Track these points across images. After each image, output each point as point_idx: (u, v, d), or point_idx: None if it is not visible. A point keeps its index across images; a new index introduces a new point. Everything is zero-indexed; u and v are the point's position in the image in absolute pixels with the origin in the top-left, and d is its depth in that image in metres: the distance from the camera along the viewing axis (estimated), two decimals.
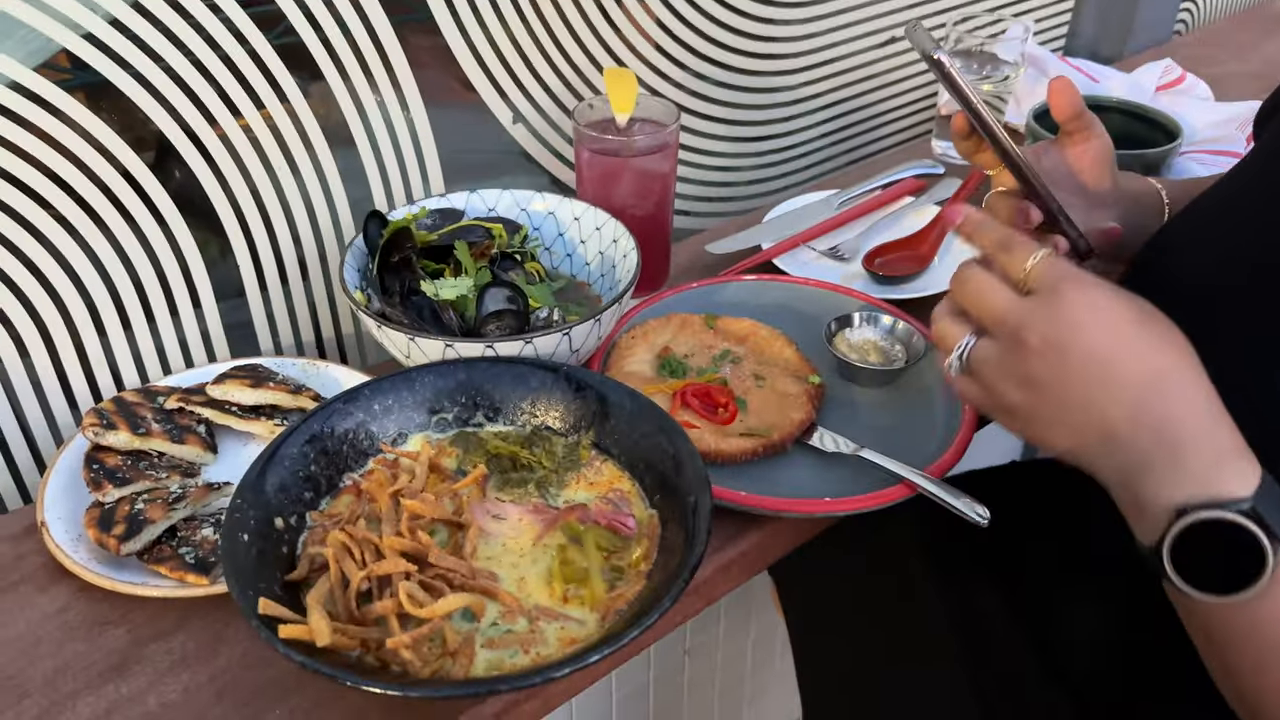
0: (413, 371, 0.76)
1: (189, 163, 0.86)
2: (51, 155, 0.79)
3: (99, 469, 0.76)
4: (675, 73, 1.15)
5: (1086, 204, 0.84)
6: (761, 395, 0.84)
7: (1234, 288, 0.69)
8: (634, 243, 0.87)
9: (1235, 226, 0.73)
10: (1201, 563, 0.54)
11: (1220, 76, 1.50)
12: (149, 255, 0.87)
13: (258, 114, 0.87)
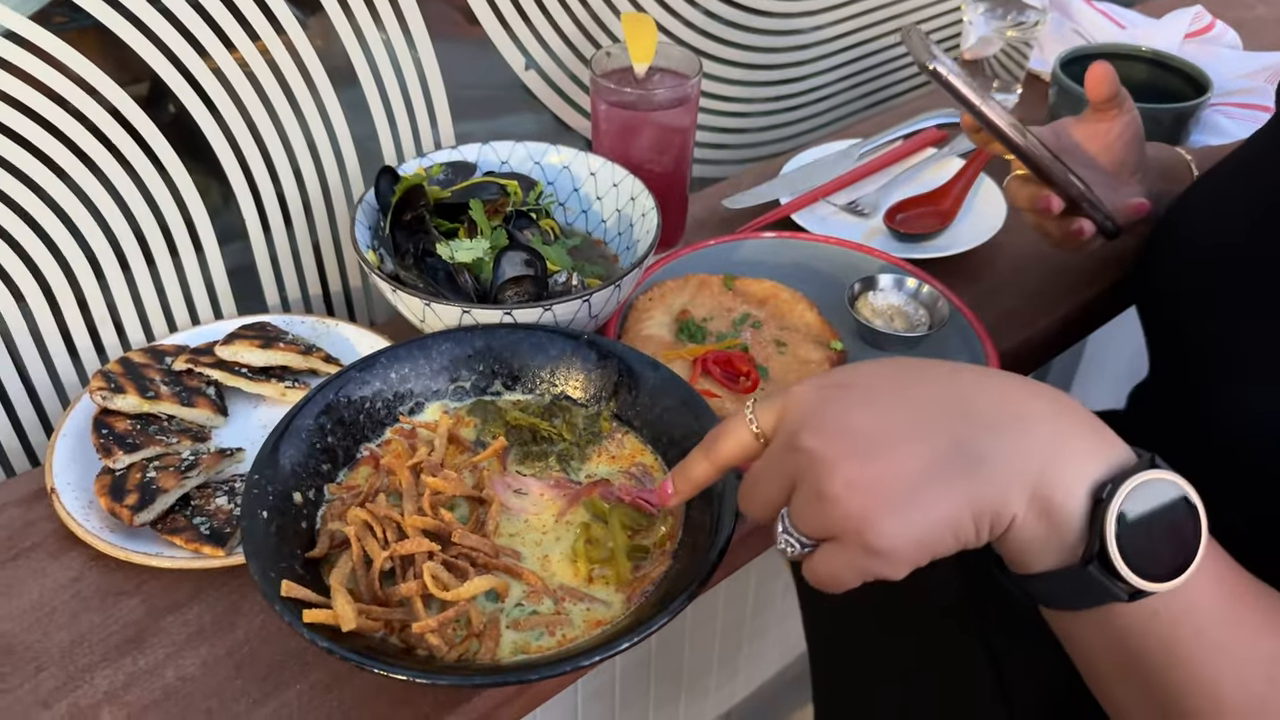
0: (429, 339, 0.74)
1: (186, 104, 0.82)
2: (46, 104, 0.76)
3: (108, 434, 0.74)
4: (691, 13, 1.11)
5: (1114, 179, 0.82)
6: (783, 362, 0.82)
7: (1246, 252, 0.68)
8: (653, 202, 0.84)
9: (1252, 192, 0.72)
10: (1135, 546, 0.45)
11: (1248, 20, 1.45)
12: (150, 205, 0.84)
13: (254, 48, 0.83)
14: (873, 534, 0.45)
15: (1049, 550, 0.47)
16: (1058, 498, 0.45)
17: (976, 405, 0.48)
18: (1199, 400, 0.70)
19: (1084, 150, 0.82)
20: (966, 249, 0.96)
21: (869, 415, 0.48)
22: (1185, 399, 0.74)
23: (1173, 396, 0.78)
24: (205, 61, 0.82)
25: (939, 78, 0.72)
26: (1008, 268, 0.97)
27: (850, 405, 0.48)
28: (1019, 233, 0.96)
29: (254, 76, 0.84)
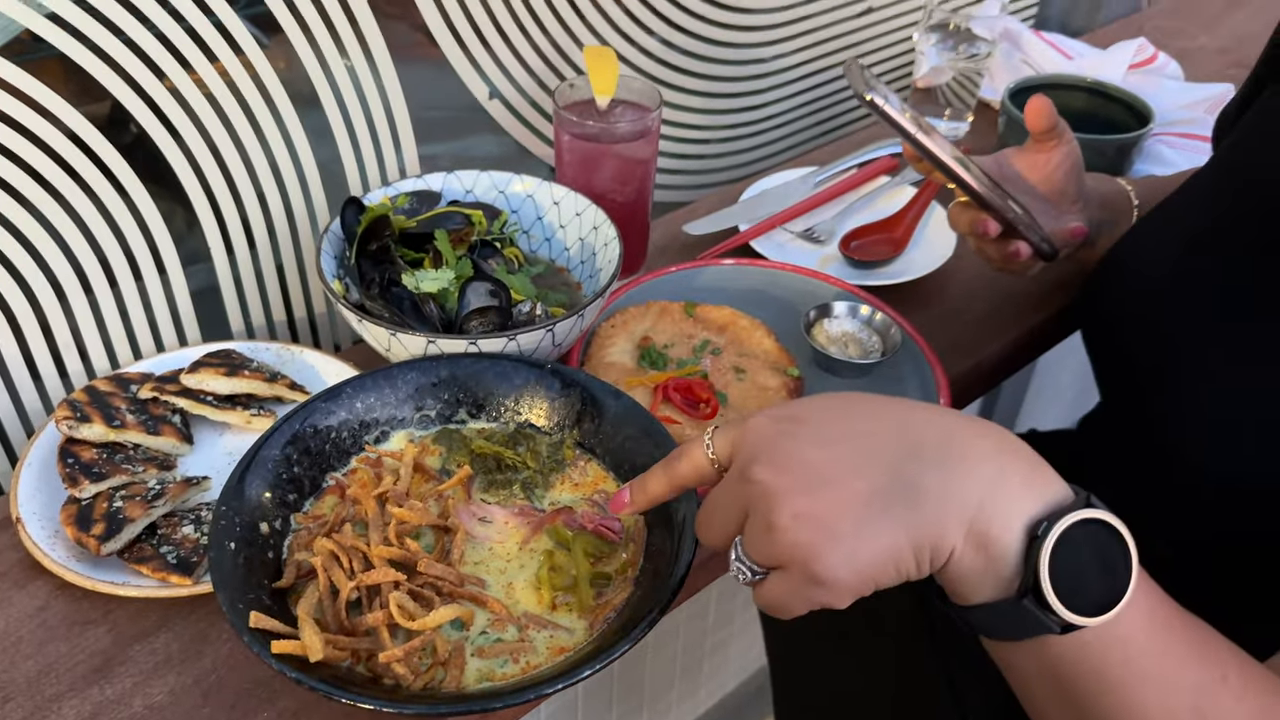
0: (394, 368, 0.76)
1: (146, 127, 0.82)
2: (4, 130, 0.76)
3: (74, 463, 0.75)
4: (652, 45, 1.13)
5: (1054, 206, 0.86)
6: (742, 389, 0.84)
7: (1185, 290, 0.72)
8: (615, 231, 0.86)
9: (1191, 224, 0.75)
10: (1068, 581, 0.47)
11: (1189, 50, 1.51)
12: (114, 230, 0.84)
13: (213, 69, 0.84)
14: (818, 565, 0.48)
15: (986, 583, 0.49)
16: (994, 533, 0.48)
17: (923, 442, 0.50)
18: (1152, 428, 0.74)
19: (1025, 179, 0.85)
20: (918, 276, 0.99)
21: (819, 451, 0.50)
22: (1137, 426, 0.77)
23: (1124, 423, 0.82)
24: (164, 83, 0.82)
25: (876, 108, 0.74)
26: (958, 294, 1.01)
27: (802, 441, 0.51)
28: (968, 260, 1.00)
29: (214, 99, 0.85)
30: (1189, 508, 0.71)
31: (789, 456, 0.50)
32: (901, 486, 0.48)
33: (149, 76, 0.81)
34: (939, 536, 0.48)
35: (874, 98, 0.73)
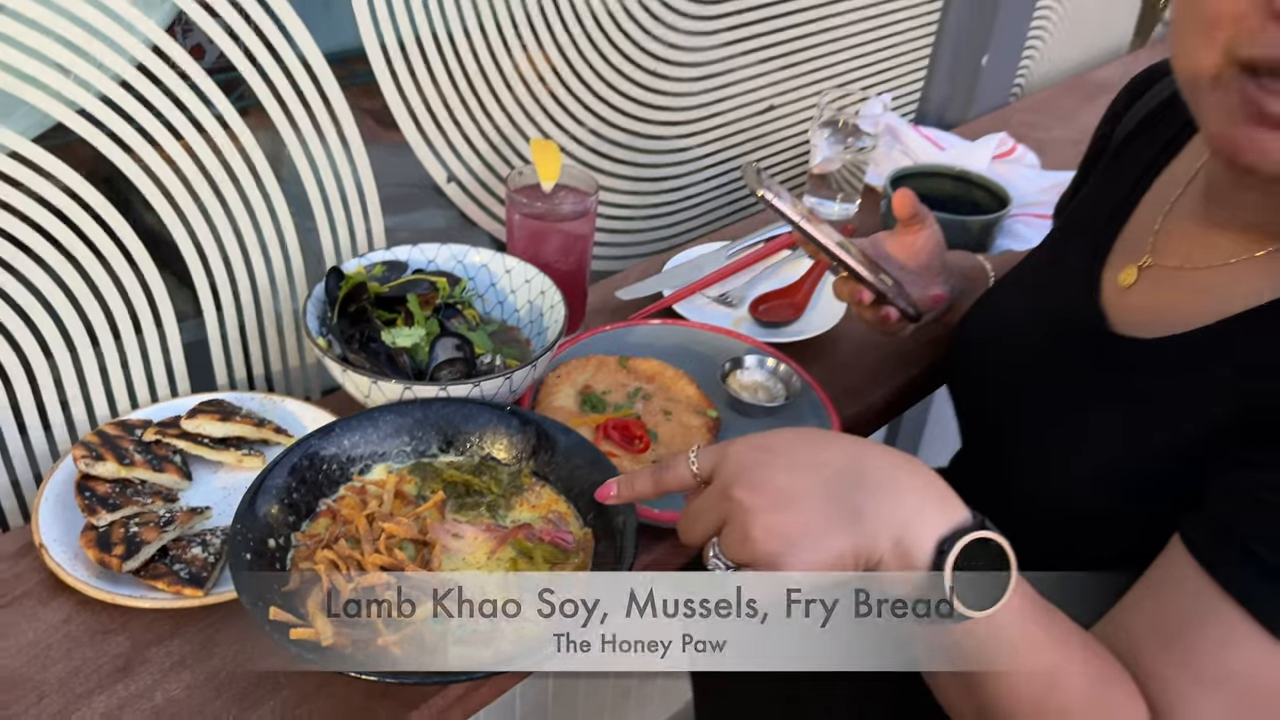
0: (376, 411, 0.89)
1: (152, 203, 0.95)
2: (28, 203, 0.88)
3: (91, 496, 0.86)
4: (587, 137, 1.31)
5: (920, 279, 1.03)
6: (669, 428, 1.00)
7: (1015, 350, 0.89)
8: (560, 296, 1.01)
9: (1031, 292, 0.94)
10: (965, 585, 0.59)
11: (1047, 142, 1.74)
12: (120, 293, 0.96)
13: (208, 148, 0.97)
14: (781, 566, 0.60)
15: (902, 583, 0.62)
16: (913, 547, 0.60)
17: (866, 474, 0.62)
18: (1001, 471, 0.87)
19: (894, 257, 1.03)
20: (815, 334, 1.17)
21: (787, 477, 0.62)
22: (987, 464, 0.92)
23: (977, 462, 0.98)
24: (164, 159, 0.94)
25: (767, 202, 0.90)
26: (848, 350, 1.18)
27: (775, 468, 0.63)
28: (856, 322, 1.17)
29: (209, 175, 0.98)
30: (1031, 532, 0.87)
31: (764, 481, 0.62)
32: (848, 509, 0.61)
33: (152, 154, 0.94)
34: (872, 548, 0.60)
35: (763, 193, 0.89)
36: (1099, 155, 0.98)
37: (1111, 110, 0.97)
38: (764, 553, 0.60)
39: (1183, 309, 0.75)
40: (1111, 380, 0.78)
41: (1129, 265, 0.82)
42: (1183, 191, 0.83)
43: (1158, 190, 0.86)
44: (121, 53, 0.89)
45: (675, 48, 1.34)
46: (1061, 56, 2.08)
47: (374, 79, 1.09)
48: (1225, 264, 0.75)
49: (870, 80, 1.67)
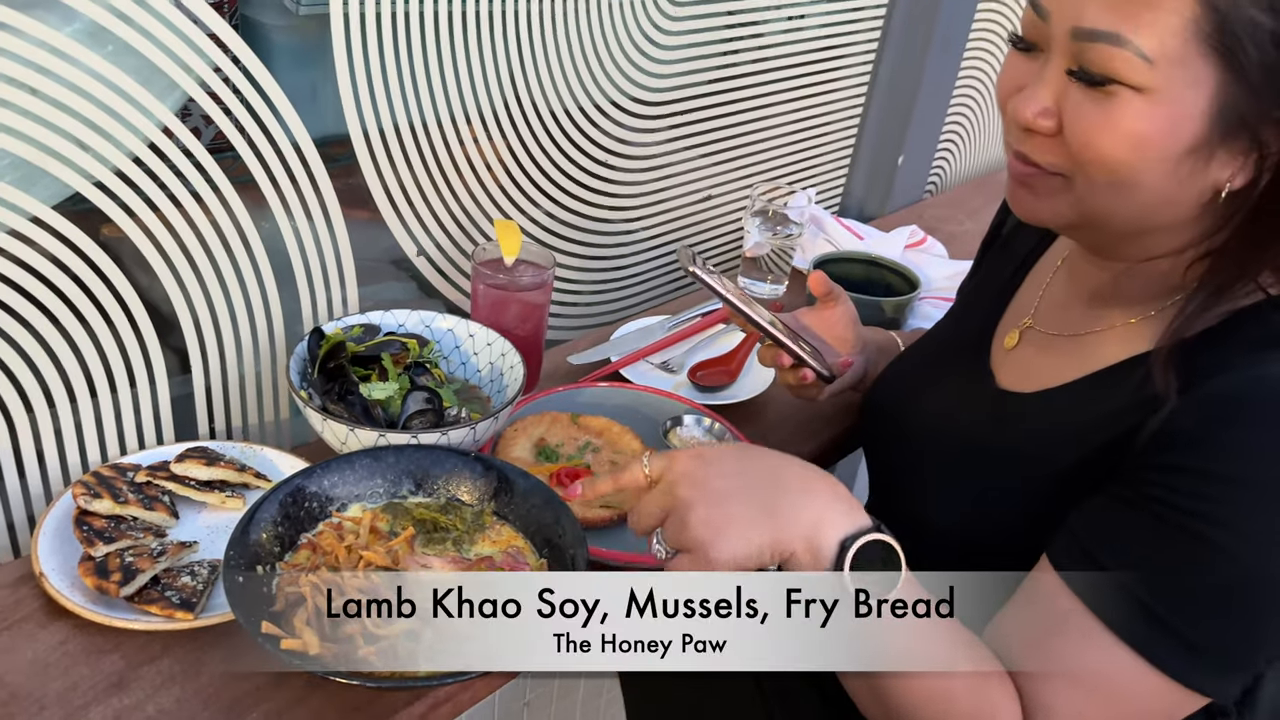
0: (353, 455, 0.99)
1: (155, 269, 1.05)
2: (43, 263, 0.97)
3: (88, 529, 0.94)
4: (545, 219, 1.44)
5: (835, 349, 1.17)
6: None
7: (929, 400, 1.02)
8: (519, 358, 1.13)
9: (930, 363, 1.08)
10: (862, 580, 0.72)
11: (957, 234, 1.93)
12: (122, 355, 1.05)
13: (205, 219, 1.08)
14: (711, 553, 0.73)
15: (814, 577, 0.73)
16: (820, 544, 0.73)
17: (785, 481, 0.76)
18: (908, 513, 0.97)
19: (812, 329, 1.17)
20: (748, 398, 1.30)
21: (720, 480, 0.75)
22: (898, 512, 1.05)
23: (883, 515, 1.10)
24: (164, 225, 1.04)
25: (697, 278, 1.04)
26: (776, 413, 1.31)
27: (711, 473, 0.76)
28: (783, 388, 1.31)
29: (204, 241, 1.08)
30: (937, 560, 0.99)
31: (702, 482, 0.75)
32: (768, 509, 0.74)
33: (155, 221, 1.04)
34: (787, 544, 0.73)
35: (695, 270, 1.03)
36: (993, 242, 1.14)
37: (1004, 204, 1.14)
38: (697, 540, 0.73)
39: (1053, 369, 0.90)
40: (999, 430, 0.92)
41: (1013, 329, 0.97)
42: (1057, 269, 0.99)
43: (1040, 269, 1.01)
44: (136, 133, 1.00)
45: (624, 142, 1.50)
46: (975, 157, 2.30)
47: (355, 160, 1.21)
48: (1090, 331, 0.90)
49: (797, 175, 1.84)
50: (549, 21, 1.34)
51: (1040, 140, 0.78)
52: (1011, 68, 0.81)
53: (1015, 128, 0.80)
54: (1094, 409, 0.83)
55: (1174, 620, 0.72)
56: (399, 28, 1.19)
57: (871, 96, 1.89)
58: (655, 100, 1.52)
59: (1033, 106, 0.77)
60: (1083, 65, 0.74)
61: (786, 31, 1.69)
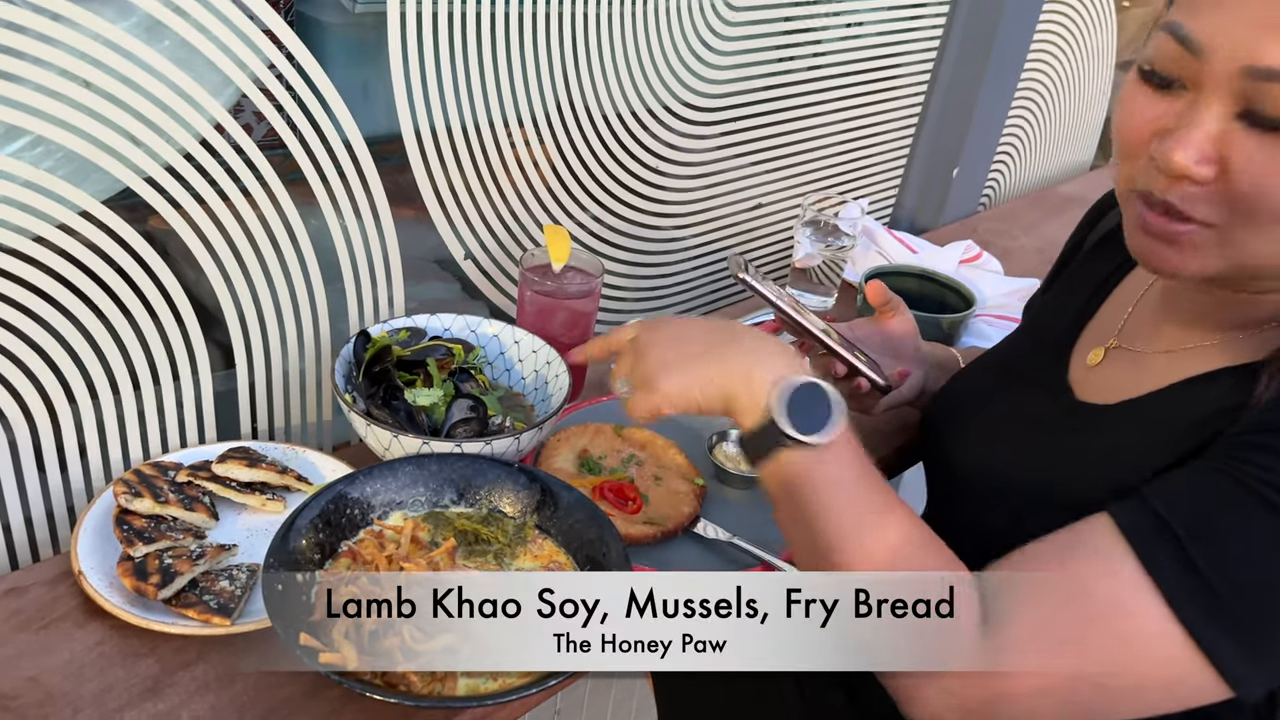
0: (396, 463, 0.97)
1: (203, 267, 1.04)
2: (92, 258, 0.96)
3: (129, 529, 0.93)
4: (594, 225, 1.42)
5: (892, 361, 1.14)
6: (659, 492, 1.09)
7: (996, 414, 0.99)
8: (565, 367, 1.11)
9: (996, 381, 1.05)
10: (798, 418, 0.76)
11: (1011, 250, 1.89)
12: (167, 350, 1.05)
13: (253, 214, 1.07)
14: (655, 381, 0.82)
15: (751, 413, 0.79)
16: (757, 382, 0.79)
17: (739, 337, 0.84)
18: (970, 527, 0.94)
19: (870, 340, 1.14)
20: None
21: (680, 330, 0.86)
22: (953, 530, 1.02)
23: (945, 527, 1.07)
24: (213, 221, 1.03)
25: (748, 285, 1.02)
26: None
27: (674, 326, 0.87)
28: None
29: (254, 240, 1.07)
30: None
31: (663, 330, 0.86)
32: (717, 353, 0.82)
33: (203, 216, 1.03)
34: (726, 381, 0.80)
35: (745, 277, 1.01)
36: (1070, 259, 1.10)
37: (1084, 221, 1.10)
38: (649, 372, 0.83)
39: (1135, 382, 0.87)
40: (1081, 440, 0.88)
41: (1096, 348, 0.93)
42: (1147, 289, 0.95)
43: (1125, 288, 0.98)
44: (188, 128, 0.99)
45: (675, 148, 1.47)
46: (1029, 171, 2.25)
47: (406, 160, 1.20)
48: (1180, 349, 0.87)
49: (849, 186, 1.81)
50: (604, 24, 1.31)
51: (1193, 189, 0.72)
52: (1145, 106, 0.74)
53: (1159, 175, 0.73)
54: (1182, 415, 0.80)
55: (1218, 580, 0.66)
56: (455, 28, 1.18)
57: (928, 106, 1.85)
58: (708, 106, 1.49)
59: (1190, 153, 0.70)
60: (1256, 108, 0.68)
61: (844, 39, 1.65)
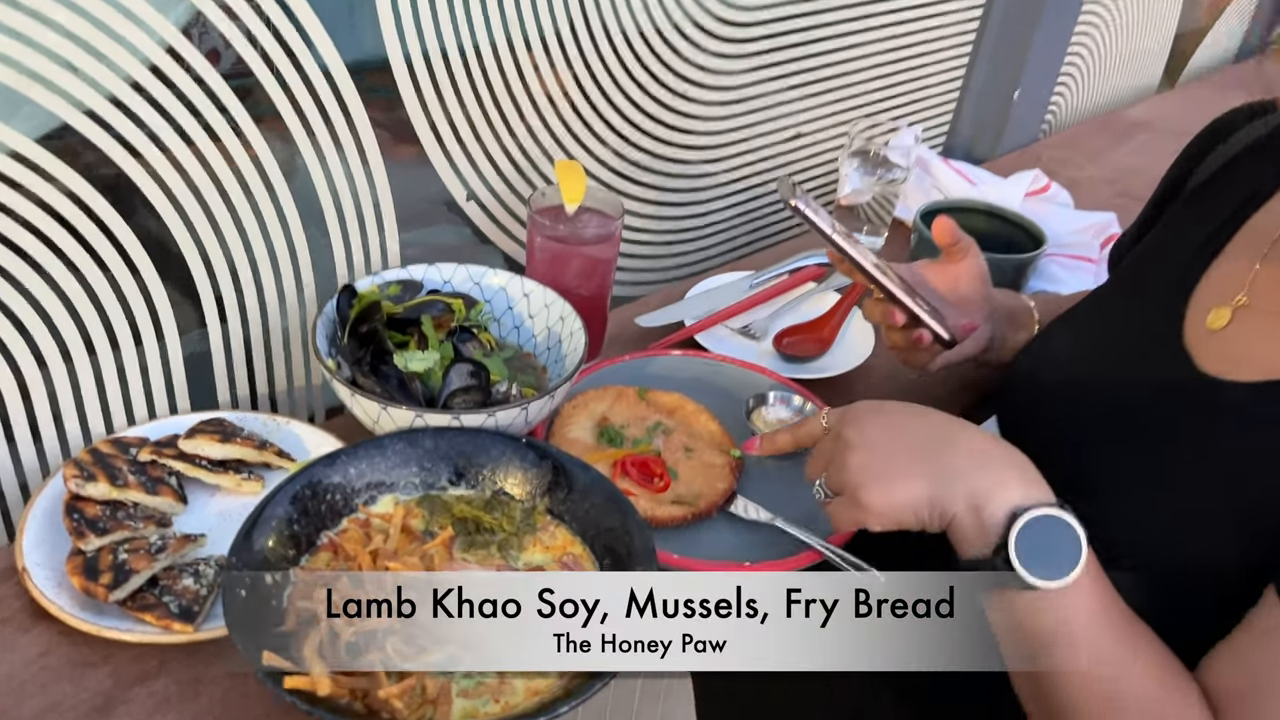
0: (385, 438, 0.84)
1: (162, 214, 0.91)
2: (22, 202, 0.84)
3: (80, 518, 0.81)
4: (612, 160, 1.27)
5: (958, 311, 0.98)
6: (690, 466, 0.95)
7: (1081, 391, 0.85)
8: (580, 323, 0.97)
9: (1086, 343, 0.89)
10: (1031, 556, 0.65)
11: (1079, 180, 1.70)
12: (121, 303, 0.92)
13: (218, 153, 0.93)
14: (863, 494, 0.71)
15: (974, 543, 0.68)
16: (988, 509, 0.67)
17: (959, 441, 0.72)
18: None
19: (932, 285, 0.98)
20: (841, 372, 1.12)
21: (890, 431, 0.74)
22: None
23: None
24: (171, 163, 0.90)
25: (799, 212, 0.87)
26: (875, 390, 1.14)
27: (880, 422, 0.75)
28: (884, 360, 1.13)
29: (219, 180, 0.94)
30: None
31: (870, 427, 0.74)
32: (934, 464, 0.70)
33: (160, 159, 0.89)
34: (949, 502, 0.69)
35: (797, 203, 0.86)
36: (1171, 197, 0.93)
37: (1190, 151, 0.93)
38: (852, 481, 0.72)
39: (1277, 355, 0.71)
40: (1210, 427, 0.74)
41: (1219, 307, 0.77)
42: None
43: (1250, 234, 0.81)
44: (134, 52, 0.85)
45: (703, 70, 1.31)
46: (1089, 95, 2.05)
47: (396, 91, 1.05)
48: None
49: (898, 111, 1.63)
50: None
51: None
52: None
53: None
54: None
55: None
56: None
57: (986, 20, 1.66)
58: (741, 21, 1.32)
59: None
60: None
61: None
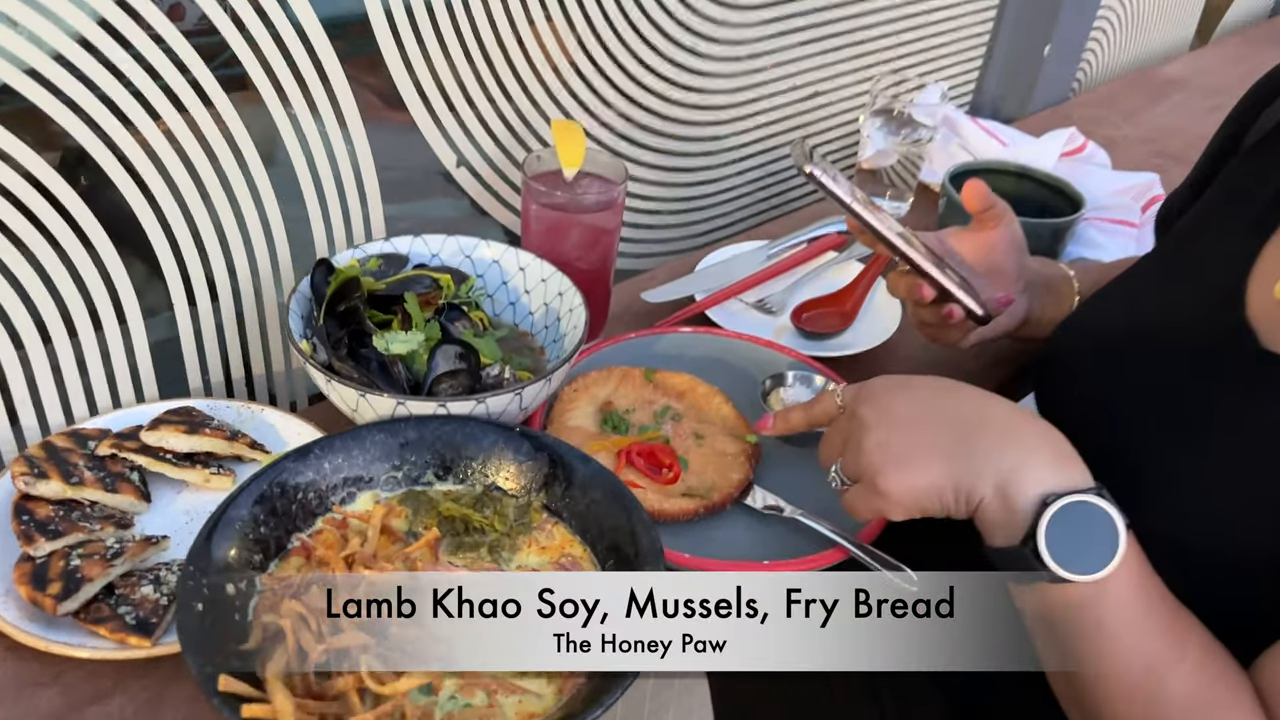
0: (362, 429, 0.77)
1: (114, 179, 0.83)
2: None
3: (29, 520, 0.74)
4: (616, 121, 1.18)
5: (990, 282, 0.90)
6: (702, 454, 0.87)
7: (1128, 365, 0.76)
8: (580, 298, 0.88)
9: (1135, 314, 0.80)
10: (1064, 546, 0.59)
11: (1115, 139, 1.60)
12: (74, 279, 0.84)
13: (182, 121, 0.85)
14: (881, 480, 0.65)
15: (1002, 531, 0.62)
16: (1015, 494, 0.61)
17: (987, 418, 0.65)
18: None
19: (962, 255, 0.90)
20: (865, 349, 1.04)
21: (908, 406, 0.67)
22: None
23: None
24: (132, 134, 0.83)
25: (814, 179, 0.79)
26: (902, 368, 1.05)
27: (901, 397, 0.68)
28: (911, 335, 1.04)
29: (183, 151, 0.86)
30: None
31: (888, 404, 0.68)
32: (959, 444, 0.64)
33: (116, 125, 0.82)
34: (974, 485, 0.63)
35: (811, 170, 0.78)
36: (1224, 158, 0.84)
37: (1242, 109, 0.83)
38: (869, 465, 0.66)
39: None
40: (1261, 401, 0.66)
41: None
42: None
43: None
44: (81, 5, 0.77)
45: (713, 22, 1.21)
46: (1121, 50, 1.94)
47: (378, 50, 0.96)
48: None
49: (922, 67, 1.53)
50: None
51: None
52: None
53: None
54: None
55: None
56: None
57: None
58: None
59: None
60: None
61: None
